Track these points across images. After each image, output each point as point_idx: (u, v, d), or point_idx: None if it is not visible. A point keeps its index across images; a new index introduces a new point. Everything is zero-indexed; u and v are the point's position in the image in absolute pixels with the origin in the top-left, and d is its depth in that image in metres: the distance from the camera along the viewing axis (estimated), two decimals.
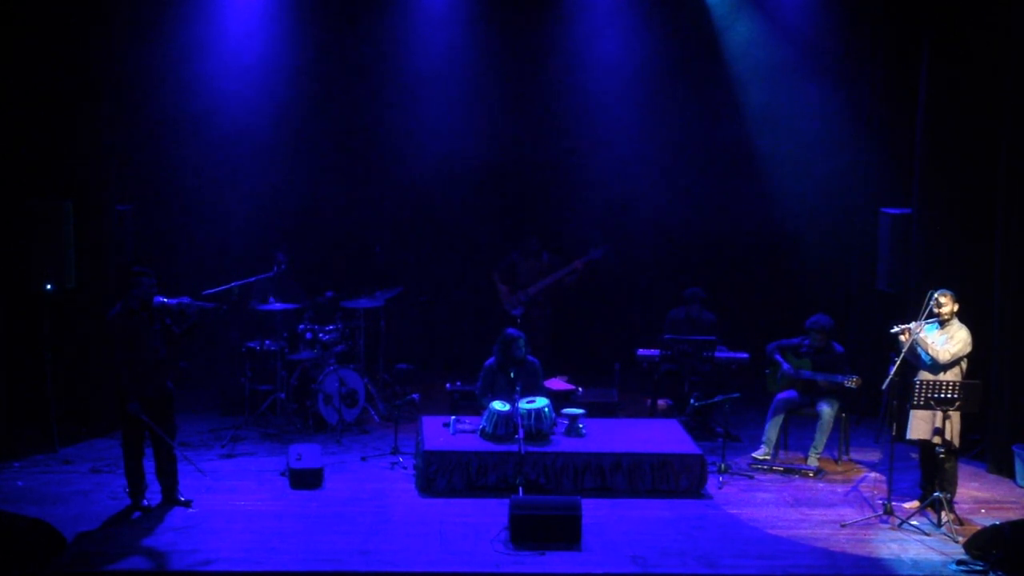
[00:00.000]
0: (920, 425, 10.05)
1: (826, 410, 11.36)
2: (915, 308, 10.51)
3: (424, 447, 10.71)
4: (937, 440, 9.98)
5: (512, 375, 11.19)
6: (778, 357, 11.67)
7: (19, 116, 11.53)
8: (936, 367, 10.01)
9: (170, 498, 10.14)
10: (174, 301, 10.10)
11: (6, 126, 11.47)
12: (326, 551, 9.23)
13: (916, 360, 10.14)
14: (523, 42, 14.35)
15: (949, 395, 9.82)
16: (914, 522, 9.96)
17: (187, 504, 10.08)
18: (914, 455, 10.61)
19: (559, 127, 14.62)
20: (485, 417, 11.01)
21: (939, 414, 9.94)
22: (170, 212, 14.03)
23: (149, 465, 10.20)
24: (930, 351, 10.00)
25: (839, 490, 10.91)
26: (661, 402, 13.00)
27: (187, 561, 9.09)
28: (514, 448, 10.40)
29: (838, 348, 11.55)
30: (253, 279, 12.66)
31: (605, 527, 9.75)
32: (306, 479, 10.62)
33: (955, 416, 9.99)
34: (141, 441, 10.05)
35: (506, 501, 9.65)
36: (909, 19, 12.35)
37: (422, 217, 14.83)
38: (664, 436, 11.26)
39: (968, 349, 10.07)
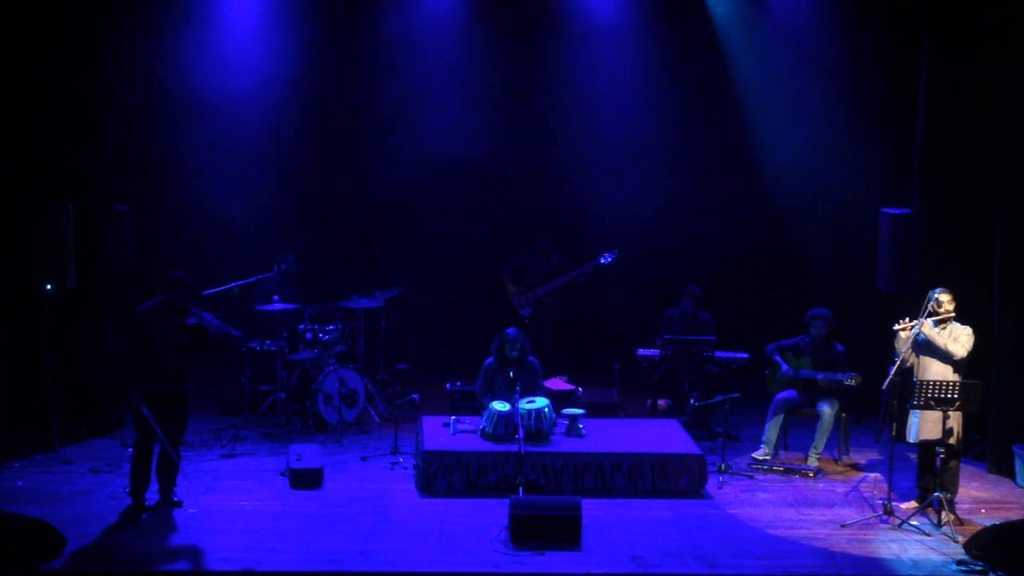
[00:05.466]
0: (929, 427, 10.01)
1: (826, 410, 11.35)
2: (915, 308, 10.50)
3: (424, 447, 10.71)
4: (952, 441, 9.97)
5: (512, 375, 11.20)
6: (777, 358, 11.67)
7: (19, 116, 11.52)
8: (951, 360, 9.99)
9: (166, 499, 10.13)
10: (207, 319, 10.09)
11: (6, 126, 11.47)
12: (326, 551, 9.23)
13: (931, 352, 10.09)
14: (525, 44, 14.34)
15: (949, 395, 9.81)
16: (914, 522, 9.95)
17: (178, 505, 10.06)
18: (913, 455, 10.61)
19: (559, 128, 14.62)
20: (485, 417, 11.01)
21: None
22: (170, 212, 14.03)
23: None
24: (951, 347, 9.99)
25: (839, 490, 10.91)
26: (661, 402, 13.00)
27: (187, 561, 9.10)
28: (514, 448, 10.40)
29: (839, 347, 11.55)
30: (253, 279, 12.68)
31: (605, 527, 9.75)
32: (306, 479, 10.62)
33: (956, 416, 9.98)
34: (153, 440, 10.02)
35: (506, 501, 9.65)
36: (909, 19, 12.34)
37: (422, 217, 14.83)
38: (664, 436, 11.26)
39: (972, 345, 10.07)
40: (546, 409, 10.98)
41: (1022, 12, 11.11)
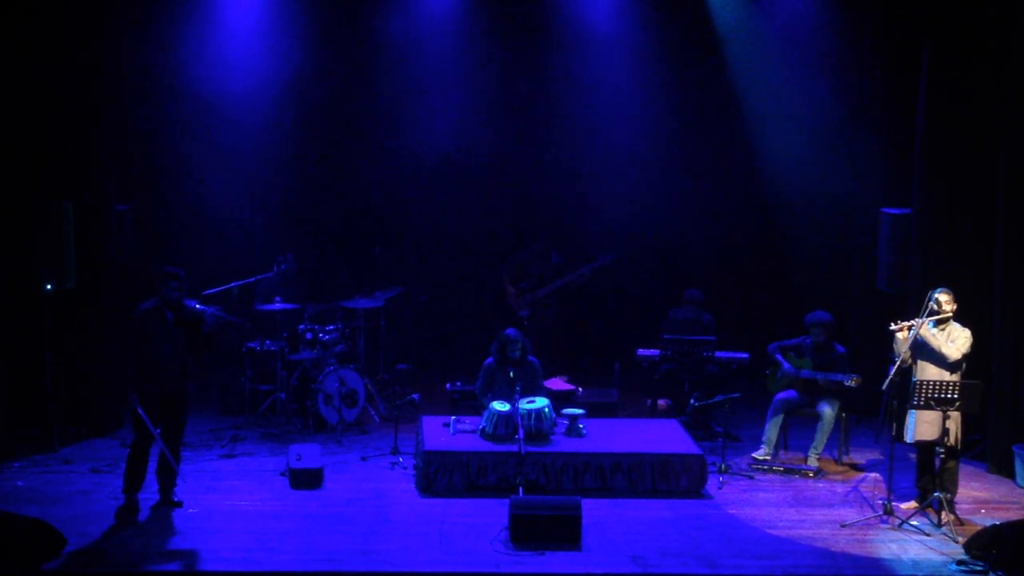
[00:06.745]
0: (926, 428, 10.01)
1: (827, 411, 11.35)
2: (915, 308, 10.50)
3: (424, 447, 10.71)
4: (950, 441, 9.97)
5: (512, 375, 11.20)
6: (779, 357, 11.67)
7: (19, 116, 11.52)
8: (945, 363, 9.98)
9: (166, 499, 10.13)
10: (201, 308, 10.08)
11: (6, 126, 11.47)
12: (326, 551, 9.23)
13: (925, 354, 10.07)
14: (525, 45, 14.35)
15: (949, 395, 9.81)
16: (914, 522, 9.95)
17: (178, 505, 10.06)
18: (913, 455, 10.60)
19: (558, 128, 14.63)
20: (485, 417, 11.01)
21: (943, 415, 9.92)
22: (170, 212, 14.04)
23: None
24: (944, 349, 9.98)
25: (839, 490, 10.91)
26: (661, 402, 13.00)
27: (186, 561, 9.10)
28: (514, 448, 10.40)
29: (839, 349, 11.55)
30: (253, 279, 12.68)
31: (605, 527, 9.75)
32: (306, 479, 10.62)
33: (956, 416, 9.98)
34: (150, 441, 10.01)
35: (506, 501, 9.64)
36: (909, 19, 12.34)
37: (422, 217, 14.84)
38: (664, 436, 11.26)
39: (970, 348, 10.06)
40: (546, 409, 10.98)
41: (1022, 12, 11.11)
